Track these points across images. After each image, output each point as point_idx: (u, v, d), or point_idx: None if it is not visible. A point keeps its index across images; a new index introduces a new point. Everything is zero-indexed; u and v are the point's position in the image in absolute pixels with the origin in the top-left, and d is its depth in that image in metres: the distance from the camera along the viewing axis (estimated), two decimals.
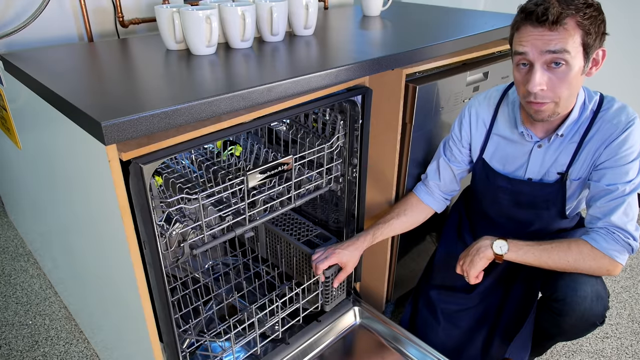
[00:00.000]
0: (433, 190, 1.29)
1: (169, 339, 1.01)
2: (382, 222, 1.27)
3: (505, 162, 1.18)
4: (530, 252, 1.06)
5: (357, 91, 1.17)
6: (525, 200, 1.18)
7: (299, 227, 1.47)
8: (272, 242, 1.51)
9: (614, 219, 1.02)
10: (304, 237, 1.41)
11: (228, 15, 1.13)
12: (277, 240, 1.48)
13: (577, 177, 1.10)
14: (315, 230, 1.43)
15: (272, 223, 1.48)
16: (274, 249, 1.51)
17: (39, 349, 1.47)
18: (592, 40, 0.93)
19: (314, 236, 1.40)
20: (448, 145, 1.27)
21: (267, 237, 1.52)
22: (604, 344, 1.52)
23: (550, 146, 1.10)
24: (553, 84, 0.97)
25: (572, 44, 0.92)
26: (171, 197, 1.04)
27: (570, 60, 0.93)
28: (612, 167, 1.03)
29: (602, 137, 1.04)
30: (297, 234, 1.43)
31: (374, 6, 1.68)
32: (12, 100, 1.26)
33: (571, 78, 0.96)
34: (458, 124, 1.24)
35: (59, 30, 1.34)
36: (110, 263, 1.01)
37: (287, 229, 1.46)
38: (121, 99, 0.84)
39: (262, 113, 0.99)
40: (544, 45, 0.93)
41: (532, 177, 1.15)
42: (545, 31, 0.93)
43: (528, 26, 0.95)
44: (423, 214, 1.30)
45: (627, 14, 2.01)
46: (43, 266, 1.80)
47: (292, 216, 1.51)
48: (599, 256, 1.02)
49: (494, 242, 1.08)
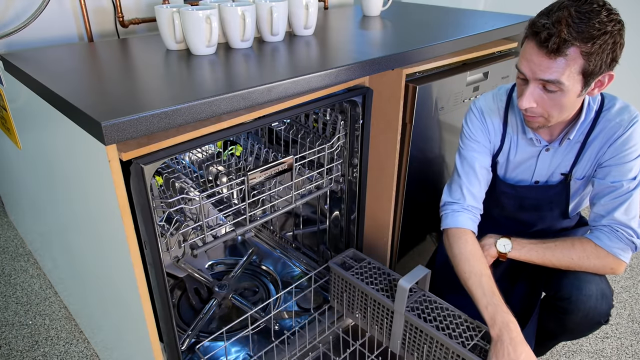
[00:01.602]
0: (475, 211, 1.15)
1: (169, 339, 1.01)
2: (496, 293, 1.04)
3: (513, 168, 1.18)
4: (534, 250, 1.06)
5: (357, 91, 1.17)
6: (529, 204, 1.18)
7: (448, 318, 1.10)
8: (415, 338, 1.13)
9: (617, 216, 1.02)
10: (467, 340, 1.04)
11: (228, 15, 1.13)
12: (423, 338, 1.10)
13: (581, 176, 1.10)
14: (479, 330, 1.07)
15: (410, 310, 1.11)
16: (417, 346, 1.12)
17: (39, 349, 1.47)
18: (596, 68, 0.89)
19: (480, 338, 1.05)
20: (472, 148, 1.15)
21: (408, 332, 1.13)
22: (604, 344, 1.52)
23: (559, 149, 1.11)
24: (544, 104, 0.96)
25: (569, 75, 0.89)
26: (171, 197, 1.04)
27: (564, 88, 0.91)
28: (617, 164, 1.03)
29: (606, 136, 1.04)
30: (451, 331, 1.06)
31: (374, 6, 1.68)
32: (12, 100, 1.26)
33: (564, 102, 0.94)
34: (476, 128, 1.15)
35: (59, 30, 1.33)
36: (110, 263, 1.00)
37: (432, 319, 1.09)
38: (121, 99, 0.84)
39: (263, 113, 0.99)
40: (539, 73, 0.91)
41: (539, 180, 1.15)
42: (544, 58, 0.89)
43: (531, 45, 0.92)
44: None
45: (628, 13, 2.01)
46: (43, 266, 1.80)
47: (436, 302, 1.14)
48: (602, 254, 1.02)
49: (497, 240, 1.08)
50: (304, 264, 1.61)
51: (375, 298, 1.17)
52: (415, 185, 1.40)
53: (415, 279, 1.09)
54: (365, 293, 1.20)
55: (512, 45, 1.56)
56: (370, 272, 1.23)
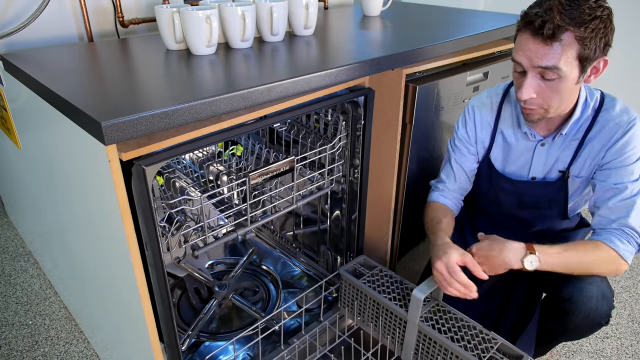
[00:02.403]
0: (448, 194, 1.26)
1: (170, 340, 1.01)
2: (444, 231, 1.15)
3: (510, 162, 1.18)
4: (557, 265, 1.02)
5: (359, 92, 1.17)
6: (528, 201, 1.18)
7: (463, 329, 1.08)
8: (429, 349, 1.11)
9: (631, 221, 1.02)
10: (484, 352, 1.02)
11: (228, 15, 1.13)
12: (437, 349, 1.08)
13: (578, 174, 1.10)
14: (494, 342, 1.05)
15: (424, 320, 1.10)
16: (430, 357, 1.11)
17: (39, 349, 1.47)
18: (591, 53, 0.91)
19: (496, 350, 1.03)
20: (455, 145, 1.24)
21: (421, 342, 1.11)
22: (604, 344, 1.52)
23: (554, 144, 1.11)
24: (544, 93, 0.97)
25: (566, 60, 0.91)
26: (172, 197, 1.04)
27: (562, 74, 0.93)
28: (618, 167, 1.03)
29: (604, 137, 1.05)
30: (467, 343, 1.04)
31: (374, 6, 1.68)
32: (12, 100, 1.26)
33: (563, 89, 0.96)
34: (462, 124, 1.22)
35: (59, 30, 1.33)
36: (110, 263, 1.00)
37: (447, 330, 1.07)
38: (121, 99, 0.84)
39: (264, 113, 0.99)
40: (537, 60, 0.93)
41: (536, 176, 1.15)
42: (540, 45, 0.91)
43: (526, 35, 0.94)
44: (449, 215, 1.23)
45: (628, 12, 2.01)
46: (43, 266, 1.80)
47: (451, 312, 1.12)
48: (616, 258, 1.02)
49: (525, 257, 1.00)
50: (304, 263, 1.61)
51: (388, 307, 1.15)
52: (415, 185, 1.40)
53: (430, 289, 1.08)
54: (377, 302, 1.18)
55: (512, 45, 1.55)
56: (382, 280, 1.22)
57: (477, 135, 1.21)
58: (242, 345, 1.29)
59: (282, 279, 1.55)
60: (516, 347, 1.02)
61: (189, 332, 1.29)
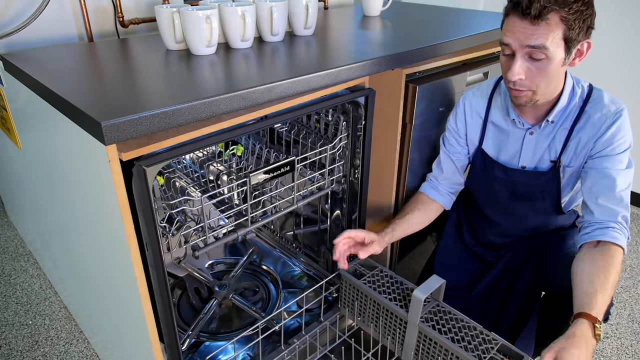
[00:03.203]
0: (437, 186, 1.30)
1: (170, 341, 1.01)
2: (398, 219, 1.27)
3: (501, 151, 1.20)
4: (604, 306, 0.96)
5: (360, 92, 1.17)
6: (521, 191, 1.18)
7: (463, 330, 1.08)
8: (429, 350, 1.10)
9: (622, 210, 1.03)
10: (484, 353, 1.02)
11: (228, 15, 1.13)
12: (437, 350, 1.08)
13: (569, 164, 1.12)
14: (495, 342, 1.04)
15: (425, 321, 1.10)
16: (430, 358, 1.11)
17: (39, 349, 1.47)
18: (575, 34, 0.95)
19: (496, 351, 1.03)
20: (445, 137, 1.28)
21: (421, 343, 1.11)
22: (604, 344, 1.52)
23: (542, 132, 1.12)
24: (532, 74, 1.00)
25: (552, 40, 0.94)
26: (172, 197, 1.03)
27: (549, 54, 0.96)
28: (607, 156, 1.05)
29: (593, 127, 1.06)
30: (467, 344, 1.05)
31: (374, 6, 1.68)
32: (12, 100, 1.26)
33: (550, 70, 0.98)
34: (453, 116, 1.25)
35: (59, 30, 1.33)
36: (110, 263, 1.00)
37: (447, 331, 1.07)
38: (121, 99, 0.84)
39: (264, 113, 0.99)
40: (525, 39, 0.96)
41: (525, 164, 1.16)
42: (528, 25, 0.94)
43: (514, 17, 0.97)
44: (433, 210, 1.31)
45: (624, 11, 2.01)
46: (43, 266, 1.80)
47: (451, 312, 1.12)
48: (621, 253, 1.02)
49: (595, 332, 0.92)
50: (304, 263, 1.61)
51: (388, 308, 1.15)
52: (415, 185, 1.40)
53: (430, 290, 1.08)
54: (377, 302, 1.18)
55: None
56: (383, 280, 1.22)
57: (467, 127, 1.23)
58: (243, 345, 1.29)
59: (282, 279, 1.55)
60: (516, 348, 1.02)
61: (189, 332, 1.29)
